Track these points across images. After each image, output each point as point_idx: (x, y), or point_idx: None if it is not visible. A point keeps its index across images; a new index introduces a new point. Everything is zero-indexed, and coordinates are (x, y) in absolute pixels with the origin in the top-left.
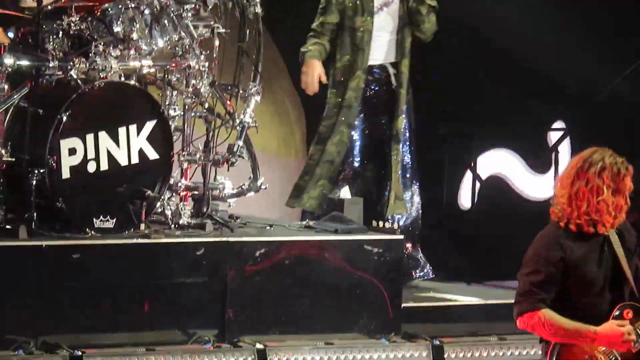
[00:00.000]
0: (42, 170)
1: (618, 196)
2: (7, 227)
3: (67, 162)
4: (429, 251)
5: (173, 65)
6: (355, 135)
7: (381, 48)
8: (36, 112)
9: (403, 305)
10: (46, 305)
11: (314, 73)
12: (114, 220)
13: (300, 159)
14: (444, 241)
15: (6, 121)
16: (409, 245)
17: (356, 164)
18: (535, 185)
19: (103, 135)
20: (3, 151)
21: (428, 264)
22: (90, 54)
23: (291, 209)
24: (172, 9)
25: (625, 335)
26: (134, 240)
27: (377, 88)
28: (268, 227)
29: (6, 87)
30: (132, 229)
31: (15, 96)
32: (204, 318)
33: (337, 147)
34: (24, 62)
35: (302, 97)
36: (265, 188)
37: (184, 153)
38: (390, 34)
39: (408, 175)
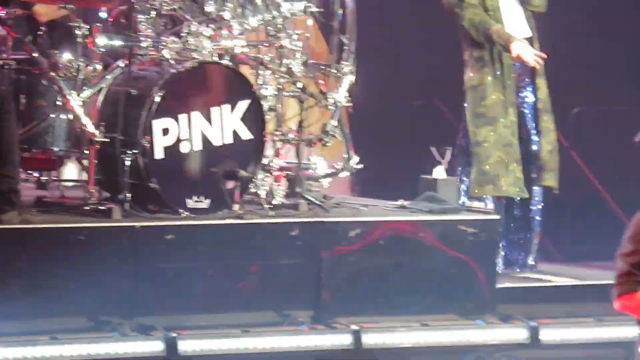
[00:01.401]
0: (135, 151)
1: None
2: (101, 207)
3: (161, 143)
4: None
5: (266, 44)
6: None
7: (514, 24)
8: (129, 92)
9: (498, 285)
10: (140, 286)
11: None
12: (208, 201)
13: None
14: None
15: (99, 102)
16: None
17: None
18: None
19: (196, 115)
20: (97, 132)
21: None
22: (182, 34)
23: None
24: None
25: None
26: (228, 221)
27: (519, 64)
28: (362, 208)
29: (99, 67)
30: (226, 210)
31: (108, 77)
32: (299, 299)
33: (510, 129)
34: (117, 43)
35: None
36: (360, 168)
37: (277, 133)
38: (517, 11)
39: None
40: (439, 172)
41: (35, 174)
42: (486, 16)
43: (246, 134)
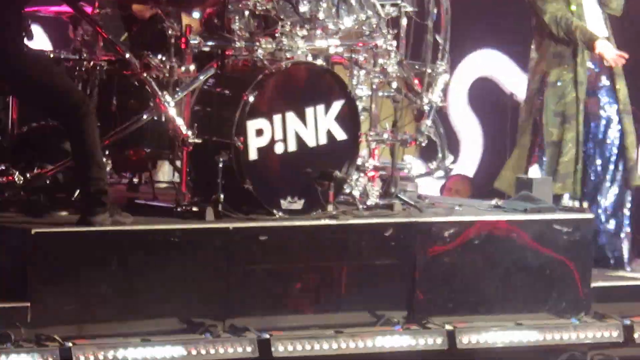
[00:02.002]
0: (229, 152)
1: None
2: (195, 209)
3: (255, 143)
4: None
5: (360, 44)
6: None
7: (594, 23)
8: (223, 93)
9: (593, 284)
10: (233, 287)
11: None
12: (302, 202)
13: None
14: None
15: (192, 102)
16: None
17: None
18: None
19: (290, 115)
20: (190, 133)
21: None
22: (276, 34)
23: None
24: None
25: None
26: (322, 222)
27: (596, 64)
28: (457, 207)
29: (192, 68)
30: (320, 210)
31: (201, 77)
32: (393, 299)
33: (580, 129)
34: (210, 43)
35: None
36: (454, 167)
37: (371, 133)
38: (597, 11)
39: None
40: (534, 172)
41: (128, 176)
42: (568, 12)
43: (340, 135)
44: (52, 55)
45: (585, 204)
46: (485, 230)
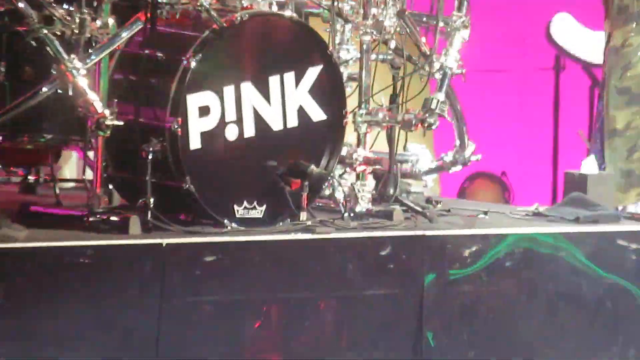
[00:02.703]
0: (161, 139)
1: None
2: (114, 217)
3: (198, 127)
4: None
5: None
6: None
7: None
8: (153, 56)
9: None
10: (167, 326)
11: None
12: (263, 208)
13: None
14: None
15: (111, 70)
16: None
17: None
18: None
19: (247, 87)
20: (107, 112)
21: None
22: None
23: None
24: None
25: None
26: (292, 236)
27: None
28: (481, 215)
29: (111, 22)
30: (289, 220)
31: (123, 34)
32: (393, 342)
33: None
34: None
35: None
36: (478, 160)
37: (361, 112)
38: None
39: None
40: (590, 165)
41: (21, 172)
42: None
43: (317, 114)
44: None
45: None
46: (521, 248)
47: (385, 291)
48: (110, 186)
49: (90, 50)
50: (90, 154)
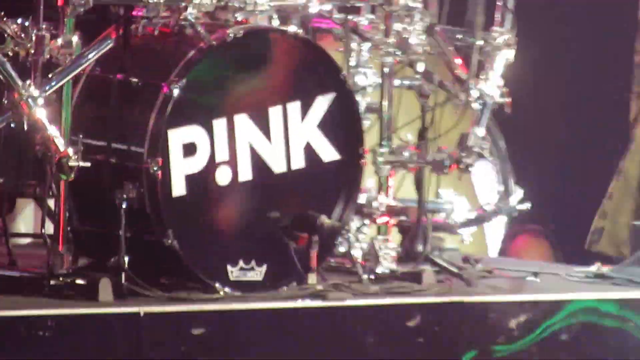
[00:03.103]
0: (137, 183)
1: None
2: (80, 281)
3: (182, 168)
4: None
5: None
6: None
7: None
8: (127, 82)
9: None
10: None
11: None
12: (263, 269)
13: None
14: None
15: (76, 98)
16: None
17: None
18: None
19: (243, 120)
20: (71, 150)
21: None
22: None
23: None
24: None
25: None
26: (300, 303)
27: None
28: (531, 278)
29: (75, 40)
30: (296, 284)
31: (90, 55)
32: None
33: None
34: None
35: None
36: (527, 209)
37: (383, 150)
38: None
39: None
40: None
41: None
42: None
43: (329, 153)
44: None
45: None
46: (581, 318)
47: None
48: (75, 242)
49: (50, 75)
50: (51, 202)
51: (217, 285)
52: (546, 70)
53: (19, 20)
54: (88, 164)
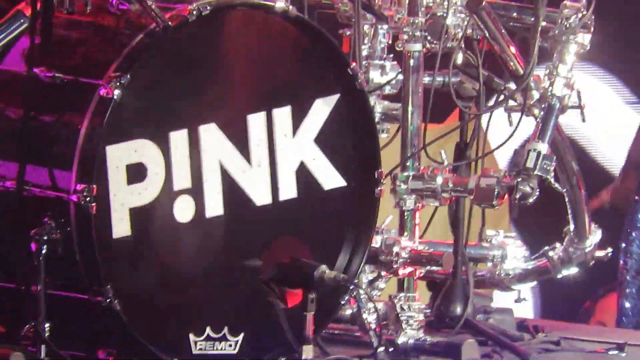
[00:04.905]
0: (62, 220)
1: None
2: None
3: (126, 199)
4: None
5: None
6: None
7: None
8: (48, 78)
9: None
10: None
11: None
12: (239, 339)
13: None
14: None
15: None
16: None
17: None
18: None
19: (211, 132)
20: None
21: None
22: None
23: None
24: None
25: None
26: None
27: None
28: (614, 352)
29: None
30: (284, 359)
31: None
32: None
33: None
34: None
35: None
36: (607, 256)
37: (406, 174)
38: None
39: None
40: None
41: None
42: None
43: (332, 177)
44: None
45: None
46: None
47: None
48: None
49: None
50: None
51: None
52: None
53: None
54: None
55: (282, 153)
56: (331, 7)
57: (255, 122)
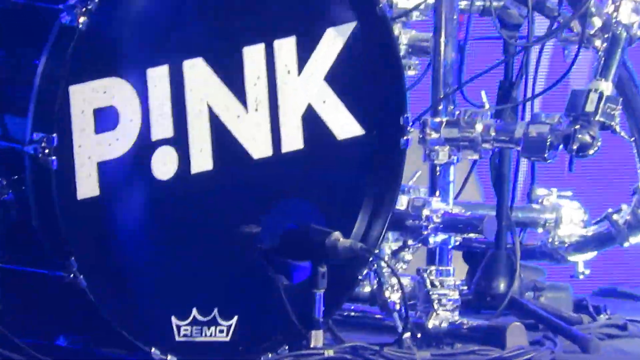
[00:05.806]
0: (15, 177)
1: None
2: None
3: (93, 151)
4: None
5: None
6: None
7: None
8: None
9: None
10: None
11: None
12: (232, 323)
13: None
14: None
15: None
16: None
17: None
18: None
19: (198, 69)
20: None
21: None
22: None
23: None
24: None
25: None
26: None
27: None
28: None
29: None
30: (287, 347)
31: None
32: None
33: None
34: None
35: None
36: None
37: (438, 119)
38: None
39: None
40: None
41: None
42: None
43: (346, 124)
44: None
45: None
46: None
47: None
48: None
49: None
50: None
51: (154, 350)
52: None
53: None
54: None
55: (285, 94)
56: None
57: (253, 56)
